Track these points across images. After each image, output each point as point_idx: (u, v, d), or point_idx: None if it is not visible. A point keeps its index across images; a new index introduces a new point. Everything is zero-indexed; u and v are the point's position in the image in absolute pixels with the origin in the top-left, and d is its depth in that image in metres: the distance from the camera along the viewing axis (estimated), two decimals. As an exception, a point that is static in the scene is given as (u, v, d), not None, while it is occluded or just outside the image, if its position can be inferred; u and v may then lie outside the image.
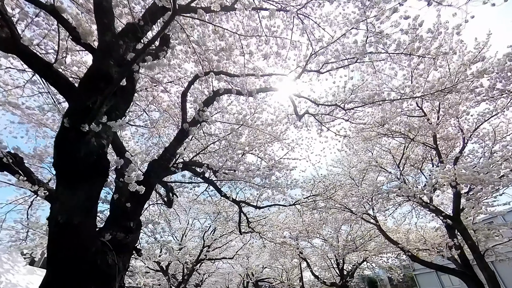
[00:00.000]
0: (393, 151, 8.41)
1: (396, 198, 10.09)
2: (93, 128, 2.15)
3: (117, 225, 2.94)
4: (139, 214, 3.28)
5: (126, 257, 2.75)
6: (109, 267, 2.39)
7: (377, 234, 11.90)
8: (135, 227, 3.07)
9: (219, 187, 7.01)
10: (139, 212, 3.28)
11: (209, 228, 10.67)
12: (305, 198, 7.30)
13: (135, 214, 3.14)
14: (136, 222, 3.15)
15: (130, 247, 2.89)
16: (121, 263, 2.61)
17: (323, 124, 6.42)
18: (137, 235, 3.12)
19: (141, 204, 3.33)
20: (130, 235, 2.93)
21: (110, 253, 2.49)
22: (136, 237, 3.07)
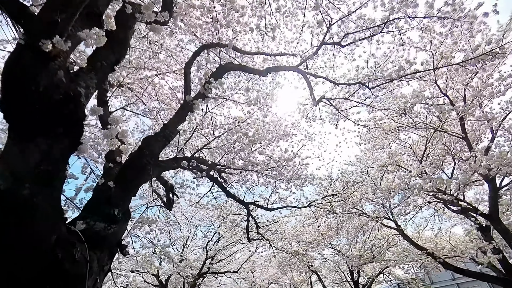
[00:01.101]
0: (414, 147, 7.66)
1: (417, 200, 9.24)
2: (58, 44, 1.47)
3: (96, 212, 2.19)
4: (127, 201, 2.53)
5: (104, 254, 1.97)
6: (76, 265, 1.62)
7: (395, 242, 10.88)
8: (120, 217, 2.31)
9: (225, 186, 6.23)
10: (127, 199, 2.53)
11: (213, 236, 9.73)
12: (321, 198, 6.48)
13: (121, 200, 2.39)
14: (123, 211, 2.39)
15: (112, 242, 2.12)
16: (96, 262, 1.83)
17: (341, 112, 5.75)
18: (122, 228, 2.35)
19: (129, 189, 2.58)
20: (113, 226, 2.17)
21: (80, 246, 1.73)
22: (121, 229, 2.31)
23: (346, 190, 6.72)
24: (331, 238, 11.17)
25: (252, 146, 4.55)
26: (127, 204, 2.49)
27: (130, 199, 2.60)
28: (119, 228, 2.24)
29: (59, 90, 1.59)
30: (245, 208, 6.59)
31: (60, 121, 1.61)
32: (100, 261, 1.88)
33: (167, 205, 5.70)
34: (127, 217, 2.46)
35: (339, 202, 7.07)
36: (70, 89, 1.68)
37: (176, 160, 4.88)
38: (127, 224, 2.48)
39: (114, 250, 2.15)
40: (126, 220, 2.43)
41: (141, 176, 2.71)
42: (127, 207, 2.51)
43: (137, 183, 2.66)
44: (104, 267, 1.95)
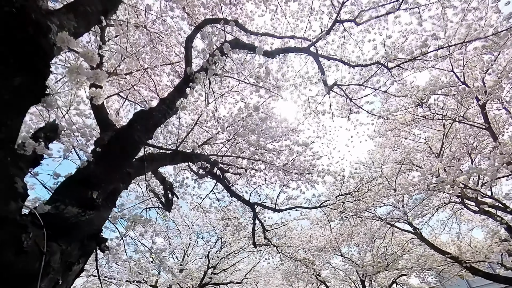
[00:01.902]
0: (430, 143, 7.15)
1: (433, 201, 8.62)
2: None
3: (70, 195, 1.69)
4: (111, 184, 2.03)
5: (73, 247, 1.45)
6: (23, 258, 1.11)
7: (410, 248, 10.14)
8: (100, 202, 1.80)
9: (228, 183, 5.71)
10: (111, 181, 2.03)
11: (215, 243, 9.05)
12: (335, 197, 5.91)
13: (103, 181, 1.89)
14: (104, 195, 1.89)
15: (85, 232, 1.60)
16: (59, 256, 1.32)
17: (354, 101, 5.30)
18: (102, 216, 1.84)
19: (114, 169, 2.09)
20: (89, 213, 1.66)
21: (34, 232, 1.22)
22: (100, 218, 1.79)
23: (361, 188, 6.16)
24: (341, 245, 10.44)
25: (261, 131, 4.05)
26: (110, 187, 1.99)
27: (115, 182, 2.10)
28: (97, 215, 1.73)
29: (13, 4, 1.12)
30: (251, 209, 6.02)
31: (9, 43, 1.14)
32: (65, 256, 1.35)
33: (165, 206, 5.16)
34: (109, 203, 1.95)
35: (353, 203, 6.49)
36: (34, 16, 1.22)
37: (175, 155, 4.42)
38: (110, 212, 1.96)
39: (89, 243, 1.62)
40: (108, 207, 1.92)
41: (130, 154, 2.22)
42: (111, 191, 2.01)
43: (124, 163, 2.17)
44: (72, 266, 1.42)
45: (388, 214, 8.81)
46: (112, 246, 3.63)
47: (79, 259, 1.53)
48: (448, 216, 9.10)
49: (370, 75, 4.88)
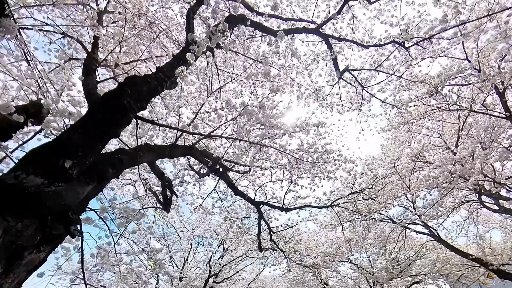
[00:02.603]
0: (445, 137, 6.75)
1: (448, 201, 8.12)
2: None
3: (36, 163, 1.29)
4: (91, 154, 1.62)
5: (28, 225, 1.04)
6: None
7: (425, 253, 9.55)
8: (75, 174, 1.40)
9: (232, 180, 5.30)
10: (92, 150, 1.63)
11: (217, 248, 8.49)
12: (348, 195, 5.45)
13: (80, 150, 1.49)
14: (81, 167, 1.48)
15: (49, 208, 1.18)
16: (2, 234, 0.90)
17: (366, 89, 4.94)
18: (76, 191, 1.43)
19: (96, 137, 1.69)
20: (58, 185, 1.25)
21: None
22: (73, 193, 1.39)
23: (374, 185, 5.70)
24: (350, 251, 9.85)
25: (268, 123, 3.65)
26: (90, 158, 1.59)
27: (97, 153, 1.70)
28: (68, 190, 1.32)
29: None
30: (256, 209, 5.56)
31: None
32: (10, 236, 0.94)
33: (164, 204, 4.73)
34: (89, 179, 1.54)
35: (365, 202, 6.02)
36: None
37: (175, 148, 4.04)
38: (88, 189, 1.55)
39: (54, 225, 1.21)
40: (86, 182, 1.52)
41: (118, 123, 1.83)
42: (92, 166, 1.61)
43: (108, 130, 1.77)
44: (23, 251, 1.00)
45: (400, 216, 8.31)
46: (101, 246, 3.19)
47: (39, 246, 1.11)
48: (464, 217, 8.59)
49: (382, 60, 4.55)
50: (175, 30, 4.56)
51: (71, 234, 1.29)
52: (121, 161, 2.86)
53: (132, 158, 3.03)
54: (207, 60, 3.22)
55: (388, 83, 5.19)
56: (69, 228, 1.26)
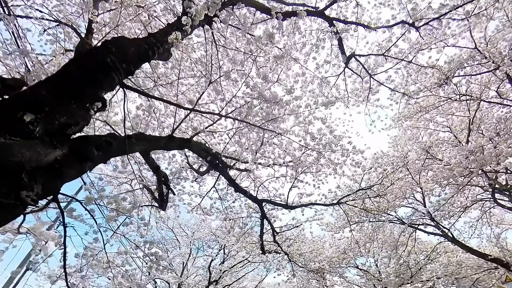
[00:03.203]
0: (455, 130, 6.45)
1: (460, 200, 7.74)
2: None
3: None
4: (62, 113, 1.33)
5: None
6: None
7: (435, 256, 9.07)
8: (38, 131, 1.11)
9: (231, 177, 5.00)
10: (65, 108, 1.34)
11: (218, 252, 8.04)
12: (356, 191, 5.10)
13: (48, 105, 1.21)
14: (48, 126, 1.19)
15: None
16: None
17: (373, 76, 4.69)
18: (36, 151, 1.13)
19: (70, 94, 1.40)
20: (11, 139, 0.96)
21: None
22: (32, 153, 1.09)
23: (383, 180, 5.36)
24: (357, 254, 9.37)
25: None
26: (60, 118, 1.30)
27: (71, 114, 1.41)
28: (25, 146, 1.02)
29: None
30: (259, 207, 5.21)
31: None
32: None
33: (159, 202, 4.41)
34: (57, 142, 1.25)
35: (374, 199, 5.66)
36: None
37: (171, 141, 3.76)
38: (56, 154, 1.25)
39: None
40: (52, 144, 1.22)
41: (97, 82, 1.54)
42: (63, 123, 1.32)
43: (85, 89, 1.48)
44: None
45: (409, 217, 7.90)
46: (88, 245, 2.84)
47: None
48: (476, 217, 8.17)
49: (390, 45, 4.31)
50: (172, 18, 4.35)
51: (22, 202, 0.99)
52: (109, 144, 2.57)
53: (122, 145, 2.75)
54: (205, 36, 2.96)
55: (397, 71, 4.94)
56: (19, 193, 0.96)
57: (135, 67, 1.87)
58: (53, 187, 1.50)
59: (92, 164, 2.28)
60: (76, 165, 1.91)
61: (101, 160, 2.48)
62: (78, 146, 2.04)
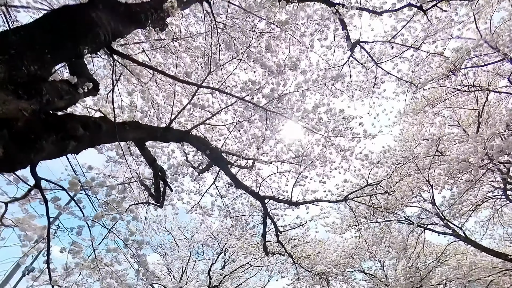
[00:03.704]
0: (463, 124, 6.23)
1: (470, 199, 7.44)
2: None
3: None
4: (33, 61, 1.11)
5: None
6: None
7: (445, 258, 8.70)
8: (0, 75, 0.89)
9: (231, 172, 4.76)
10: (35, 55, 1.12)
11: (218, 255, 7.68)
12: (363, 187, 4.85)
13: (13, 48, 0.99)
14: (10, 72, 0.97)
15: None
16: None
17: (379, 65, 4.51)
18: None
19: (46, 46, 1.19)
20: None
21: None
22: None
23: (392, 175, 5.11)
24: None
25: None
26: (31, 66, 1.08)
27: (44, 66, 1.19)
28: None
29: None
30: (261, 204, 4.95)
31: None
32: None
33: (155, 198, 4.17)
34: (27, 93, 1.03)
35: (382, 196, 5.40)
36: None
37: (167, 132, 3.58)
38: (19, 105, 1.03)
39: None
40: (15, 93, 1.00)
41: (77, 36, 1.33)
42: (34, 74, 1.10)
43: (63, 42, 1.27)
44: None
45: (418, 216, 7.60)
46: (75, 240, 2.59)
47: None
48: (487, 216, 7.85)
49: (396, 33, 4.14)
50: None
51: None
52: (98, 126, 2.37)
53: (114, 129, 2.54)
54: (203, 11, 2.77)
55: (403, 61, 4.76)
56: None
57: (124, 28, 1.67)
58: (22, 158, 1.28)
59: (77, 145, 2.06)
60: (56, 141, 1.69)
61: (87, 143, 2.27)
62: (60, 118, 1.82)
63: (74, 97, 2.17)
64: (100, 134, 2.39)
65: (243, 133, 5.36)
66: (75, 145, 2.02)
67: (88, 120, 2.23)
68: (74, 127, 1.96)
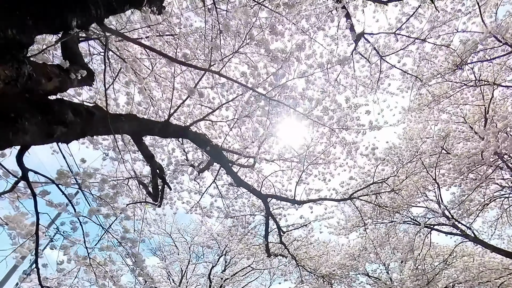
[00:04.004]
0: (469, 120, 6.08)
1: (477, 198, 7.26)
2: None
3: None
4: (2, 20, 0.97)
5: None
6: None
7: (453, 260, 8.46)
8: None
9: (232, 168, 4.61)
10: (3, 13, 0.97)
11: (219, 258, 7.45)
12: (369, 185, 4.67)
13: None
14: None
15: None
16: None
17: (384, 58, 4.39)
18: None
19: (19, 3, 1.04)
20: None
21: None
22: None
23: (398, 173, 4.94)
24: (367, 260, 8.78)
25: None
26: (8, 28, 0.94)
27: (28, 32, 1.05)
28: None
29: None
30: (263, 203, 4.77)
31: None
32: None
33: (153, 196, 4.01)
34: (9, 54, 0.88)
35: (389, 195, 5.23)
36: None
37: (166, 127, 3.45)
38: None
39: None
40: None
41: (66, 2, 1.19)
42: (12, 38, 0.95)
43: (48, 7, 1.13)
44: None
45: (424, 216, 7.40)
46: (66, 236, 2.41)
47: None
48: (495, 216, 7.65)
49: (402, 24, 4.02)
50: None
51: None
52: (90, 114, 2.22)
53: (107, 118, 2.40)
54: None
55: (408, 54, 4.64)
56: None
57: (118, 5, 1.54)
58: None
59: (67, 132, 1.91)
60: (41, 123, 1.54)
61: (78, 131, 2.12)
62: (48, 100, 1.68)
63: (65, 82, 2.03)
64: (92, 122, 2.24)
65: (244, 130, 5.22)
66: (64, 131, 1.87)
67: (80, 106, 2.09)
68: (63, 111, 1.82)
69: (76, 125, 2.00)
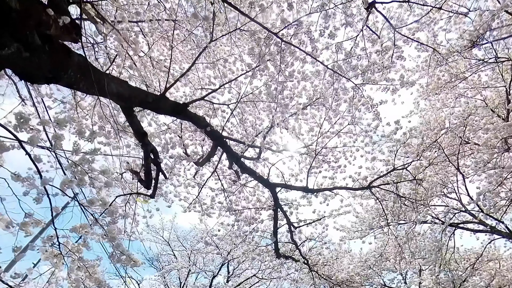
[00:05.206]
0: (491, 104, 5.64)
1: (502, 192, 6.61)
2: None
3: None
4: None
5: None
6: None
7: (481, 265, 7.63)
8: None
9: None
10: None
11: (221, 267, 6.66)
12: (389, 172, 4.13)
13: None
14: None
15: None
16: None
17: (397, 30, 4.04)
18: None
19: None
20: None
21: None
22: None
23: (421, 158, 4.41)
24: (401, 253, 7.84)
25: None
26: None
27: None
28: None
29: None
30: (271, 193, 4.20)
31: None
32: None
33: (145, 183, 3.50)
34: None
35: (410, 184, 4.67)
36: None
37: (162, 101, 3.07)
38: None
39: None
40: None
41: None
42: None
43: None
44: None
45: (445, 216, 6.73)
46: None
47: None
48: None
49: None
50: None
51: None
52: (66, 50, 1.82)
53: (87, 63, 2.01)
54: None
55: (423, 29, 4.30)
56: None
57: None
58: None
59: (28, 56, 1.47)
60: None
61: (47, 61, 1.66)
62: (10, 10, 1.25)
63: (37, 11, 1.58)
64: (69, 64, 1.81)
65: (247, 117, 4.79)
66: (27, 56, 1.42)
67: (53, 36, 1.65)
68: (26, 25, 1.38)
69: (44, 56, 1.56)
